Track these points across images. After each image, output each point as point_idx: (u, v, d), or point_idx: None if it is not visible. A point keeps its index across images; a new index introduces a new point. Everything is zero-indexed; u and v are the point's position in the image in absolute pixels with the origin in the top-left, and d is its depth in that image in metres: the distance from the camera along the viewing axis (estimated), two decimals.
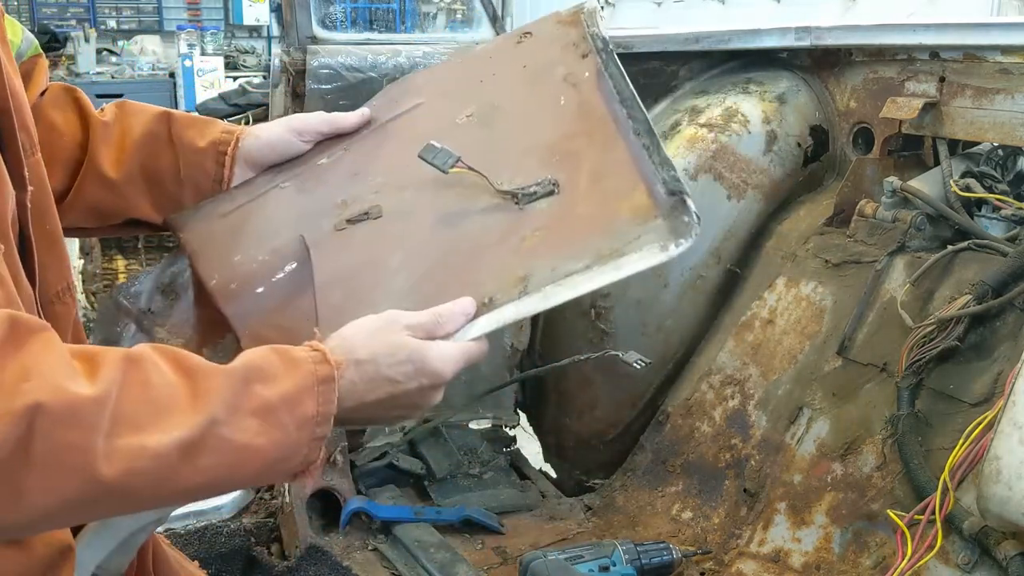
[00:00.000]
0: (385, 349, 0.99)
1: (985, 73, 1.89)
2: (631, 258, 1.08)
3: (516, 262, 1.13)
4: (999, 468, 1.30)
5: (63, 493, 0.80)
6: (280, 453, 0.91)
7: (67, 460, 0.79)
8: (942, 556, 1.49)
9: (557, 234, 1.14)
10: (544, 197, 1.18)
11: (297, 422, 0.91)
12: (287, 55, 2.03)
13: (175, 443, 0.83)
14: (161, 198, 1.31)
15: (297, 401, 0.92)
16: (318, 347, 0.97)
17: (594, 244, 1.10)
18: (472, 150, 1.23)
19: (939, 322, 1.68)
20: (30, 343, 0.81)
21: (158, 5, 9.83)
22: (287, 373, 0.93)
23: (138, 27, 9.80)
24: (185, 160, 1.30)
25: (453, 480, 2.22)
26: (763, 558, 1.81)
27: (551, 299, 1.08)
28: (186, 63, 8.89)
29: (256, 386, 0.90)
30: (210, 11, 10.02)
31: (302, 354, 0.95)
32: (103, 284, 4.93)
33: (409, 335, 1.01)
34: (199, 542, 2.06)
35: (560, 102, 1.28)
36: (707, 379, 2.11)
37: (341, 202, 1.29)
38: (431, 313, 1.04)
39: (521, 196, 1.19)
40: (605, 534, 2.03)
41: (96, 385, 0.82)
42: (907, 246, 1.89)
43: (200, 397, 0.87)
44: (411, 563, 1.92)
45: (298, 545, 1.98)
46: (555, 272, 1.09)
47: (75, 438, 0.79)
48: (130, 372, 0.85)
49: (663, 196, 1.11)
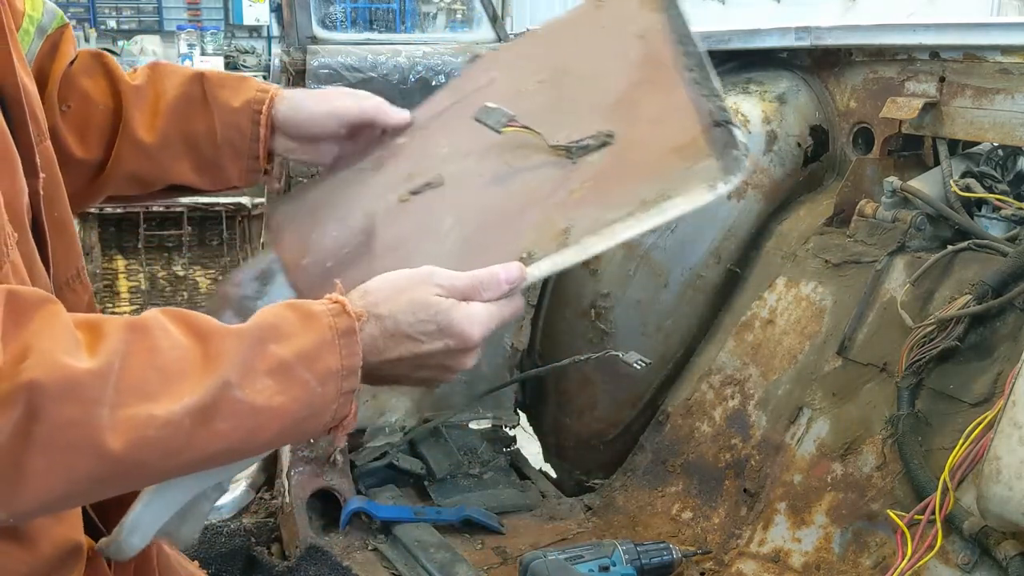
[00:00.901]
0: (407, 306, 0.95)
1: (985, 73, 1.89)
2: (676, 201, 1.03)
3: (560, 215, 1.09)
4: (999, 468, 1.30)
5: (72, 470, 0.79)
6: (304, 411, 0.89)
7: (71, 437, 0.78)
8: (942, 556, 1.49)
9: (605, 183, 1.11)
10: (597, 149, 1.14)
11: (319, 377, 0.89)
12: (287, 55, 2.03)
13: (186, 410, 0.81)
14: (200, 160, 1.30)
15: (316, 356, 0.89)
16: (337, 299, 0.94)
17: (640, 190, 1.06)
18: (535, 112, 1.22)
19: (939, 322, 1.68)
20: (32, 319, 0.80)
21: (158, 5, 9.83)
22: (304, 329, 0.90)
23: (138, 27, 9.80)
24: (221, 121, 1.28)
25: (453, 480, 2.22)
26: (763, 558, 1.81)
27: (589, 249, 1.04)
28: (186, 63, 8.89)
29: (271, 345, 0.88)
30: (210, 11, 10.02)
31: (319, 308, 0.92)
32: (103, 284, 4.94)
33: (438, 294, 0.96)
34: (199, 542, 2.06)
35: (628, 56, 1.25)
36: (707, 379, 2.11)
37: (407, 175, 1.28)
38: (470, 276, 0.99)
39: (575, 150, 1.15)
40: (605, 534, 2.03)
41: (97, 357, 0.80)
42: (907, 246, 1.89)
43: (211, 360, 0.85)
44: (411, 563, 1.92)
45: (298, 545, 1.98)
46: (596, 222, 1.05)
47: (76, 413, 0.78)
48: (135, 340, 0.83)
49: (712, 131, 1.06)
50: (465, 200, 1.21)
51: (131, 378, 0.81)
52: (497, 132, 1.19)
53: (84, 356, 0.80)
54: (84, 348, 0.80)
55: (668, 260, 2.17)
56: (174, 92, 1.29)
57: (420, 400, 2.30)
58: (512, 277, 1.00)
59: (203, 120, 1.28)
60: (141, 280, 5.02)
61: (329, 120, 1.32)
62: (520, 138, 1.19)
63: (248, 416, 0.85)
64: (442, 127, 1.36)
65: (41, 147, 1.06)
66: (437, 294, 0.96)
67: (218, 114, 1.28)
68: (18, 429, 0.76)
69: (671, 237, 2.15)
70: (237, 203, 5.16)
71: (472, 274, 0.99)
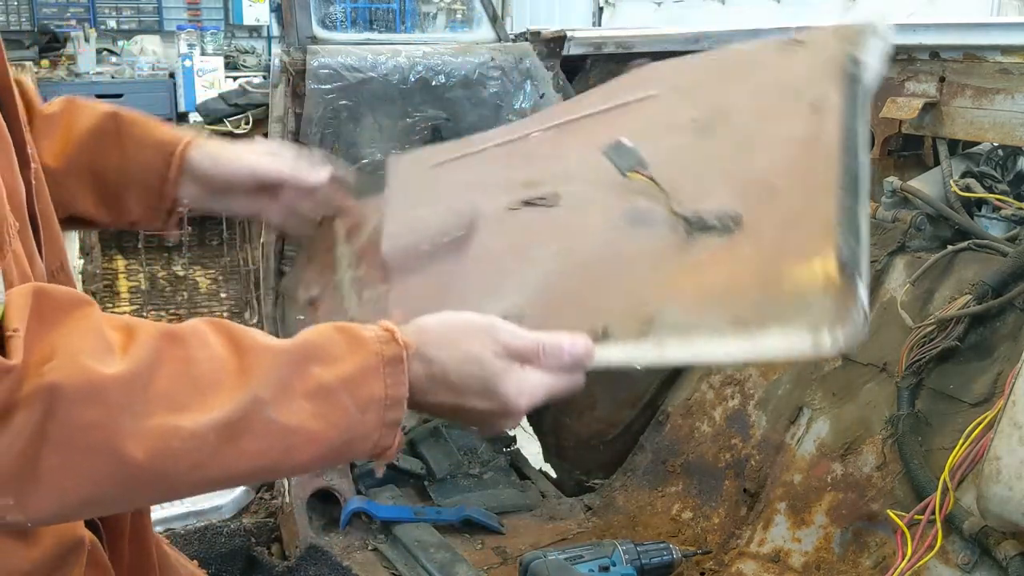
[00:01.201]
0: (459, 357, 0.91)
1: (985, 73, 1.88)
2: (771, 338, 0.90)
3: (653, 296, 1.00)
4: (999, 468, 1.29)
5: (91, 475, 0.78)
6: (343, 437, 0.86)
7: (88, 440, 0.77)
8: (942, 556, 1.48)
9: (711, 276, 1.00)
10: (718, 232, 1.02)
11: (361, 404, 0.86)
12: (287, 55, 2.03)
13: (212, 423, 0.80)
14: (104, 194, 1.27)
15: (360, 382, 0.86)
16: (388, 327, 0.91)
17: (741, 304, 0.95)
18: (674, 156, 1.12)
19: (939, 322, 1.68)
20: (64, 320, 0.79)
21: (158, 5, 9.81)
22: (350, 353, 0.87)
23: (138, 27, 9.78)
24: (132, 156, 1.25)
25: (453, 480, 2.22)
26: (763, 558, 1.81)
27: (667, 355, 0.96)
28: (186, 63, 8.88)
29: (313, 367, 0.85)
30: (210, 11, 10.01)
31: (368, 333, 0.89)
32: (103, 284, 4.94)
33: (495, 351, 0.92)
34: (199, 542, 2.06)
35: (792, 128, 1.10)
36: (707, 379, 2.11)
37: (526, 181, 1.23)
38: (533, 339, 0.94)
39: (693, 222, 1.04)
40: (605, 534, 2.03)
41: (124, 362, 0.79)
42: (907, 246, 1.89)
43: (245, 374, 0.83)
44: (411, 563, 1.92)
45: (298, 545, 1.98)
46: (683, 325, 0.96)
47: (95, 417, 0.77)
48: (168, 348, 0.82)
49: (842, 274, 0.91)
50: (570, 234, 1.15)
51: (160, 387, 0.80)
52: (622, 175, 1.11)
53: (113, 360, 0.79)
54: (116, 351, 0.80)
55: None
56: (87, 124, 1.25)
57: None
58: (577, 353, 0.95)
59: (114, 154, 1.25)
60: (141, 280, 5.02)
61: (242, 175, 1.28)
62: (643, 185, 1.10)
63: (280, 437, 0.83)
64: (579, 135, 1.27)
65: (30, 142, 1.06)
66: (493, 352, 0.92)
67: (130, 151, 1.25)
68: (37, 430, 0.76)
69: None
70: None
71: (535, 337, 0.94)
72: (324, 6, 2.18)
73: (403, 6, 9.73)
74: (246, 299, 5.18)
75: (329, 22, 2.12)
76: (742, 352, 0.93)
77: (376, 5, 9.75)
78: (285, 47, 2.05)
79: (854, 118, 1.04)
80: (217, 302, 5.17)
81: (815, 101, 1.09)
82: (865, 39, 1.12)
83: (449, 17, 8.71)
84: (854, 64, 1.08)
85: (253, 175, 1.29)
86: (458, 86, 2.12)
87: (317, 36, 2.08)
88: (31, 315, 0.78)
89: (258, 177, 1.29)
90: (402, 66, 2.08)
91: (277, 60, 2.03)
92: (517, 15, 10.37)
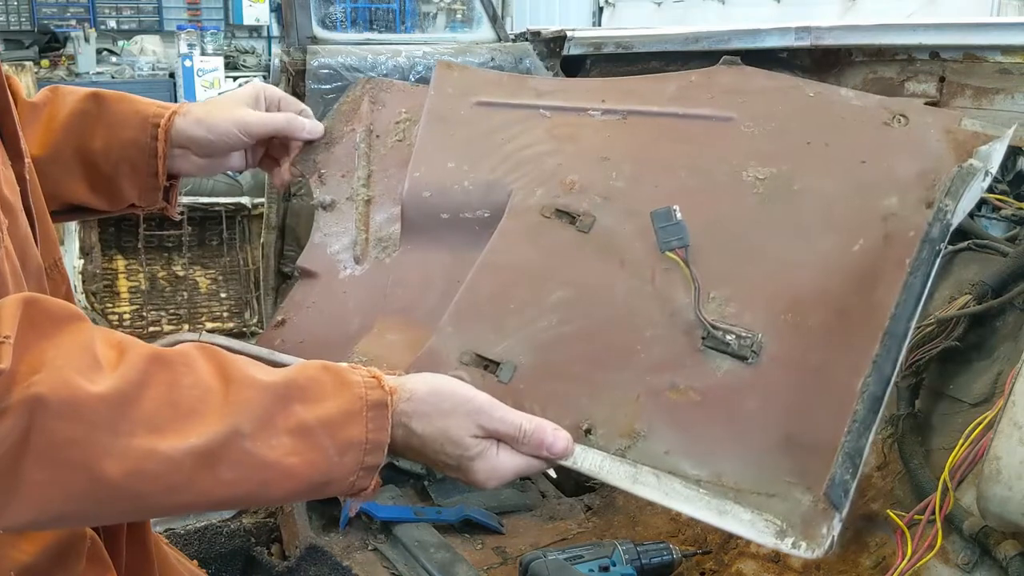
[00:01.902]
0: (439, 435, 0.93)
1: (985, 73, 1.88)
2: (739, 516, 0.89)
3: (647, 406, 0.97)
4: (999, 468, 1.29)
5: (66, 488, 0.79)
6: (319, 476, 0.87)
7: (67, 455, 0.78)
8: (942, 556, 1.48)
9: (707, 410, 0.97)
10: (733, 357, 0.98)
11: (339, 446, 0.87)
12: (287, 55, 2.03)
13: (189, 450, 0.81)
14: (96, 178, 1.24)
15: (341, 424, 0.88)
16: (376, 374, 0.93)
17: (727, 460, 0.92)
18: (718, 235, 1.04)
19: (939, 322, 1.68)
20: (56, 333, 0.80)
21: (158, 5, 9.82)
22: (334, 395, 0.88)
23: (138, 27, 9.79)
24: (117, 136, 1.22)
25: (453, 480, 2.21)
26: (763, 558, 1.80)
27: (636, 488, 0.94)
28: (186, 63, 8.89)
29: (296, 405, 0.86)
30: (210, 11, 10.02)
31: (355, 377, 0.91)
32: (103, 284, 4.94)
33: (475, 434, 0.94)
34: (199, 542, 2.06)
35: (856, 244, 0.99)
36: None
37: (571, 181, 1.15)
38: (516, 426, 0.96)
39: (711, 336, 0.99)
40: (605, 534, 2.02)
41: (110, 380, 0.80)
42: None
43: (229, 406, 0.84)
44: (411, 563, 1.92)
45: (298, 545, 1.98)
46: (664, 459, 0.94)
47: (75, 433, 0.78)
48: (155, 371, 0.82)
49: (830, 488, 0.89)
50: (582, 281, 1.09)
51: (143, 409, 0.81)
52: (660, 250, 1.04)
53: (100, 378, 0.79)
54: (104, 369, 0.80)
55: None
56: (69, 109, 1.23)
57: None
58: (555, 450, 0.98)
59: (99, 136, 1.23)
60: (141, 280, 5.02)
61: (234, 132, 1.25)
62: (679, 268, 1.04)
63: (257, 469, 0.84)
64: (642, 138, 1.17)
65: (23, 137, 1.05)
66: (474, 435, 0.95)
67: (114, 129, 1.23)
68: (20, 438, 0.76)
69: None
70: (237, 203, 5.15)
71: (519, 423, 0.96)
72: (324, 6, 2.18)
73: (403, 6, 9.73)
74: (246, 299, 5.18)
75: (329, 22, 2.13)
76: (708, 517, 0.92)
77: (376, 5, 9.75)
78: (285, 47, 2.05)
79: (916, 294, 0.92)
80: (217, 302, 5.17)
81: (891, 216, 0.98)
82: (991, 147, 0.99)
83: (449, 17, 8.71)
84: (954, 205, 0.93)
85: (247, 132, 1.26)
86: None
87: (317, 36, 2.08)
88: (21, 323, 0.78)
89: (250, 134, 1.27)
90: (402, 66, 2.08)
91: (277, 60, 2.03)
92: (517, 15, 10.37)
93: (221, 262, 5.26)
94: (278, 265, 2.09)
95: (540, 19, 10.09)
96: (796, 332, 0.98)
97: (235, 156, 1.31)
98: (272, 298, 2.10)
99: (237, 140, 1.26)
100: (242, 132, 1.26)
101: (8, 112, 1.00)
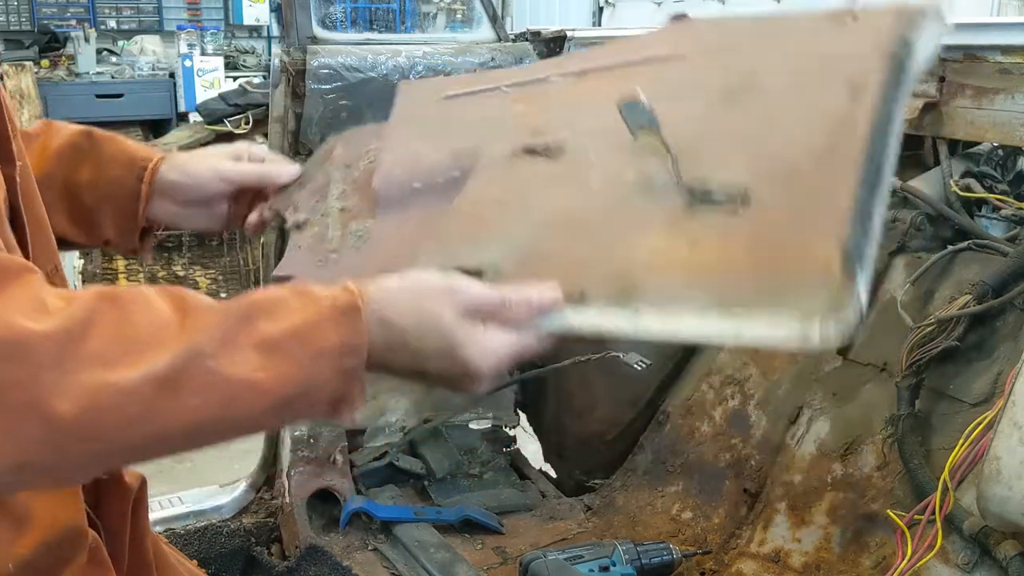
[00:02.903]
0: (417, 319, 0.89)
1: (985, 73, 1.88)
2: (757, 322, 0.86)
3: (639, 264, 0.96)
4: (999, 468, 1.29)
5: (18, 435, 0.75)
6: (294, 389, 0.83)
7: (13, 398, 0.75)
8: (942, 556, 1.48)
9: (704, 256, 0.95)
10: (722, 208, 0.97)
11: (312, 354, 0.83)
12: (287, 55, 2.03)
13: (146, 377, 0.77)
14: (77, 211, 1.26)
15: (310, 332, 0.83)
16: (345, 284, 0.88)
17: (733, 286, 0.90)
18: (689, 123, 1.06)
19: (939, 322, 1.68)
20: (6, 284, 0.78)
21: (158, 5, 9.81)
22: (300, 307, 0.84)
23: (138, 27, 9.78)
24: (105, 172, 1.25)
25: (453, 480, 2.22)
26: (763, 558, 1.81)
27: (641, 326, 0.91)
28: (186, 63, 8.88)
29: (260, 321, 0.82)
30: (210, 11, 10.01)
31: (321, 290, 0.87)
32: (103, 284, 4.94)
33: (456, 312, 0.89)
34: (199, 542, 2.06)
35: (825, 105, 1.03)
36: (707, 379, 2.11)
37: (533, 128, 1.17)
38: (498, 296, 0.92)
39: (697, 194, 0.99)
40: (605, 534, 2.03)
41: (56, 319, 0.77)
42: (907, 246, 1.89)
43: (186, 331, 0.80)
44: (411, 563, 1.92)
45: (298, 545, 1.98)
46: (665, 295, 0.91)
47: (20, 374, 0.75)
48: (105, 308, 0.79)
49: (845, 267, 0.86)
50: (565, 190, 1.10)
51: (91, 345, 0.77)
52: (633, 134, 1.05)
53: (45, 318, 0.76)
54: (50, 311, 0.77)
55: None
56: (62, 140, 1.26)
57: (420, 400, 2.30)
58: (544, 303, 0.93)
59: (87, 170, 1.25)
60: (141, 280, 5.02)
61: (213, 182, 1.28)
62: (652, 146, 1.04)
63: (223, 388, 0.80)
64: (597, 86, 1.20)
65: (15, 139, 1.04)
66: (454, 313, 0.90)
67: (103, 166, 1.25)
68: None
69: None
70: None
71: (499, 293, 0.92)
72: (324, 6, 2.18)
73: (403, 6, 9.73)
74: None
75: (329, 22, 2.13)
76: (724, 334, 0.88)
77: (376, 5, 9.75)
78: (285, 47, 2.05)
79: (892, 103, 0.96)
80: None
81: (854, 80, 1.01)
82: (922, 21, 1.03)
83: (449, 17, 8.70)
84: (904, 46, 1.00)
85: (224, 180, 1.29)
86: None
87: (317, 36, 2.08)
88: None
89: (229, 181, 1.29)
90: (402, 66, 2.08)
91: (277, 60, 2.03)
92: (517, 15, 10.37)
93: (221, 262, 5.27)
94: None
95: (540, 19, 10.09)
96: (784, 173, 0.98)
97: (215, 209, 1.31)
98: None
99: (214, 185, 1.28)
100: (219, 177, 1.28)
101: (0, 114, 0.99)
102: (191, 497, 2.18)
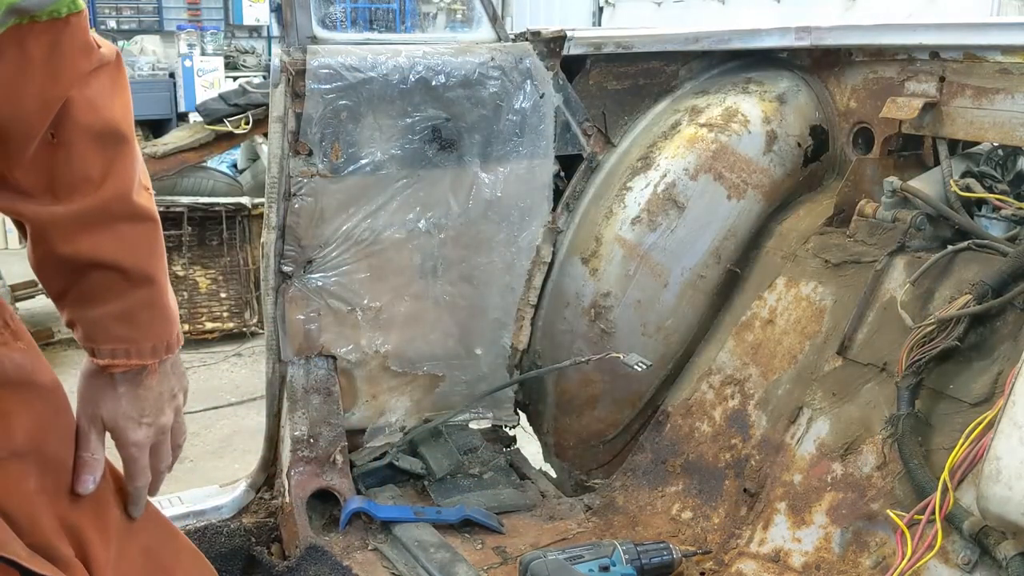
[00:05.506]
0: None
1: (985, 73, 1.89)
2: None
3: None
4: (999, 468, 1.30)
5: None
6: None
7: None
8: (942, 556, 1.49)
9: None
10: None
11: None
12: (287, 55, 2.02)
13: None
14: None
15: None
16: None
17: None
18: None
19: (939, 322, 1.68)
20: None
21: (158, 5, 9.82)
22: None
23: (138, 27, 9.79)
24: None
25: (453, 480, 2.22)
26: (763, 558, 1.81)
27: None
28: (186, 63, 8.89)
29: None
30: (210, 11, 10.02)
31: None
32: None
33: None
34: (199, 542, 2.06)
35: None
36: (707, 379, 2.11)
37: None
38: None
39: None
40: (605, 534, 2.02)
41: None
42: (907, 246, 1.89)
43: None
44: (411, 563, 1.92)
45: (298, 545, 1.98)
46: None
47: None
48: None
49: None
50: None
51: None
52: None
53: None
54: None
55: (668, 260, 2.17)
56: None
57: (420, 400, 2.30)
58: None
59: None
60: None
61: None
62: None
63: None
64: None
65: None
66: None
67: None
68: None
69: (671, 237, 2.15)
70: (237, 203, 5.15)
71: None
72: (324, 6, 2.17)
73: (403, 6, 9.74)
74: (246, 299, 5.19)
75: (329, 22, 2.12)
76: None
77: (376, 5, 9.75)
78: (285, 47, 2.05)
79: None
80: (217, 302, 5.17)
81: None
82: None
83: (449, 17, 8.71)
84: None
85: None
86: (458, 86, 2.11)
87: (317, 36, 2.07)
88: None
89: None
90: (402, 66, 2.07)
91: (277, 60, 2.03)
92: (517, 15, 10.36)
93: (221, 262, 5.27)
94: (278, 265, 2.09)
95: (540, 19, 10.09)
96: None
97: None
98: (272, 298, 2.10)
99: None
100: None
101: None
102: (191, 497, 2.18)
